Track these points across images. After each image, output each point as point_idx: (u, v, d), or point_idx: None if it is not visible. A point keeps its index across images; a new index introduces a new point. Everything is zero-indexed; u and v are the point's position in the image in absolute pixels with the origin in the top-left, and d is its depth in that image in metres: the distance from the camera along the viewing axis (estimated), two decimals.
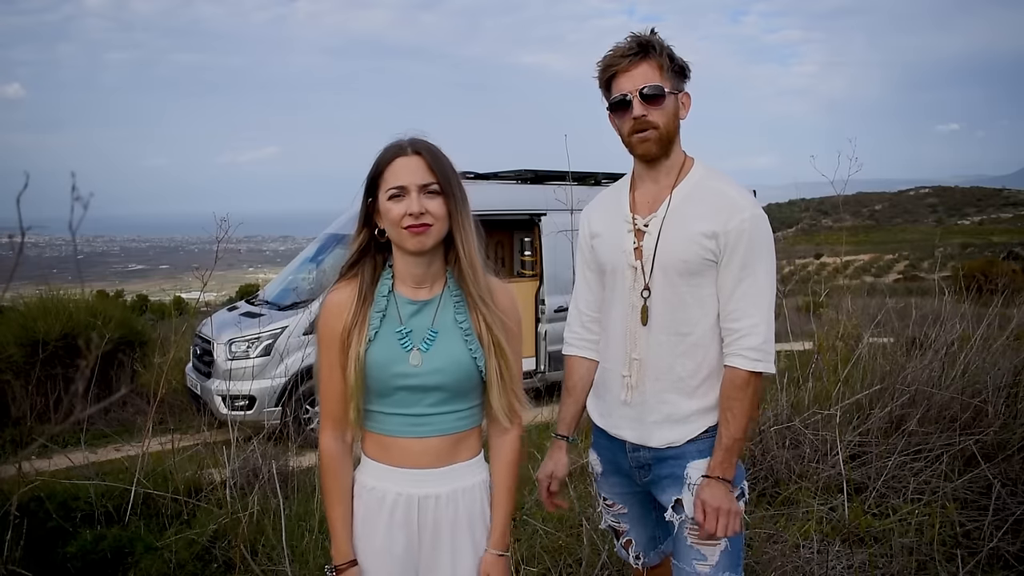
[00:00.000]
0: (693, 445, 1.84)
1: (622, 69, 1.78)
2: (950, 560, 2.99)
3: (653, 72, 1.77)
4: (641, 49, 1.77)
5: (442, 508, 1.62)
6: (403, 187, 1.53)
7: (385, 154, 1.57)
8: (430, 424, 1.60)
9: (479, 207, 1.69)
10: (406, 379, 1.56)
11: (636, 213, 1.87)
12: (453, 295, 1.63)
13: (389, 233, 1.58)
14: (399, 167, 1.55)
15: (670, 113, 1.79)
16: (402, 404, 1.59)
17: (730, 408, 1.78)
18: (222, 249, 3.71)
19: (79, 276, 10.04)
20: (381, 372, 1.55)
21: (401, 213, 1.53)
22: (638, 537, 2.06)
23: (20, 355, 6.56)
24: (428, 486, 1.61)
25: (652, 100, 1.77)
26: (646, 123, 1.78)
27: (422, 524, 1.62)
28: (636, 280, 1.85)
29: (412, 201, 1.52)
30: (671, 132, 1.81)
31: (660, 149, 1.82)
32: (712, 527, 1.74)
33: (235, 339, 6.43)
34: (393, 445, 1.61)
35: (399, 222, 1.53)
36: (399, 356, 1.57)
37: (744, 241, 1.75)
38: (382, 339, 1.57)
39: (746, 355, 1.76)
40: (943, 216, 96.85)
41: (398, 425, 1.60)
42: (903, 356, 4.53)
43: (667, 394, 1.84)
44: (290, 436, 5.34)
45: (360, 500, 1.64)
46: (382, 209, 1.56)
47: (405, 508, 1.61)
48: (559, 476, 2.00)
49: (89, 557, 3.22)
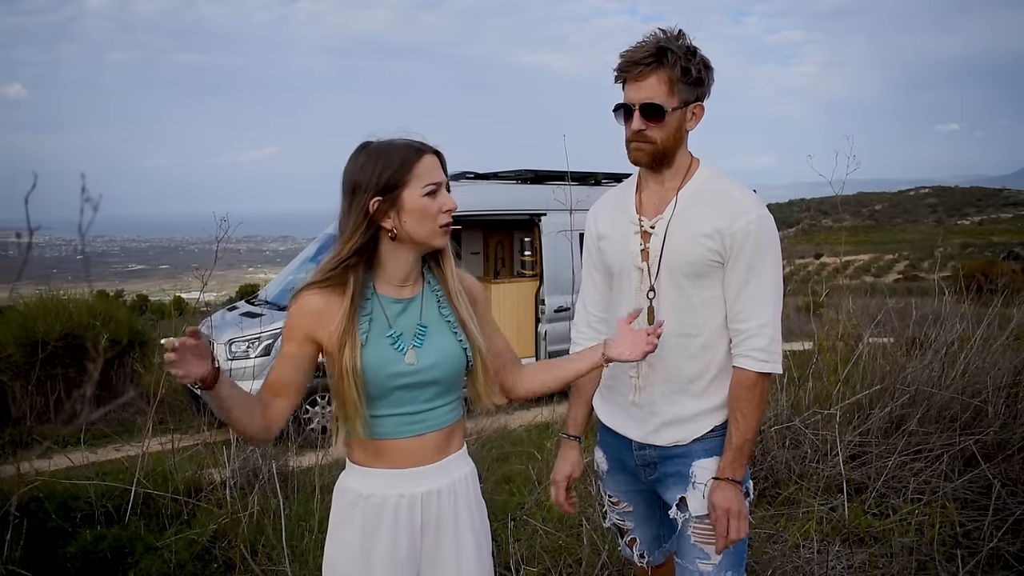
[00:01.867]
0: (699, 444, 1.85)
1: (631, 78, 1.77)
2: (950, 560, 2.99)
3: (661, 87, 1.74)
4: (655, 58, 1.74)
5: (443, 502, 1.63)
6: (439, 183, 1.57)
7: (408, 152, 1.56)
8: (425, 420, 1.60)
9: (479, 207, 1.71)
10: (403, 378, 1.56)
11: (642, 215, 1.87)
12: (434, 290, 1.65)
13: (414, 229, 1.56)
14: (431, 164, 1.57)
15: (671, 129, 1.78)
16: (398, 403, 1.58)
17: (739, 408, 1.78)
18: (222, 249, 3.71)
19: (86, 276, 10.02)
20: (377, 375, 1.54)
21: (439, 208, 1.56)
22: (643, 536, 2.07)
23: (20, 355, 6.56)
24: (428, 482, 1.61)
25: (652, 117, 1.76)
26: (643, 137, 1.78)
27: (425, 521, 1.61)
28: (642, 282, 1.85)
29: (446, 198, 1.57)
30: (668, 147, 1.80)
31: (652, 161, 1.81)
32: (723, 529, 1.74)
33: (235, 339, 6.44)
34: (390, 448, 1.59)
35: (436, 217, 1.56)
36: (394, 357, 1.56)
37: (750, 242, 1.75)
38: (373, 342, 1.56)
39: (754, 356, 1.77)
40: (943, 216, 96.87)
41: (394, 426, 1.59)
42: (903, 356, 4.53)
43: (675, 396, 1.85)
44: (290, 436, 5.34)
45: (355, 508, 1.61)
46: (414, 206, 1.54)
47: (409, 509, 1.60)
48: (576, 478, 2.02)
49: (89, 557, 3.22)
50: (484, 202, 7.19)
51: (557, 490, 2.03)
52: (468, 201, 3.79)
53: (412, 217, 1.55)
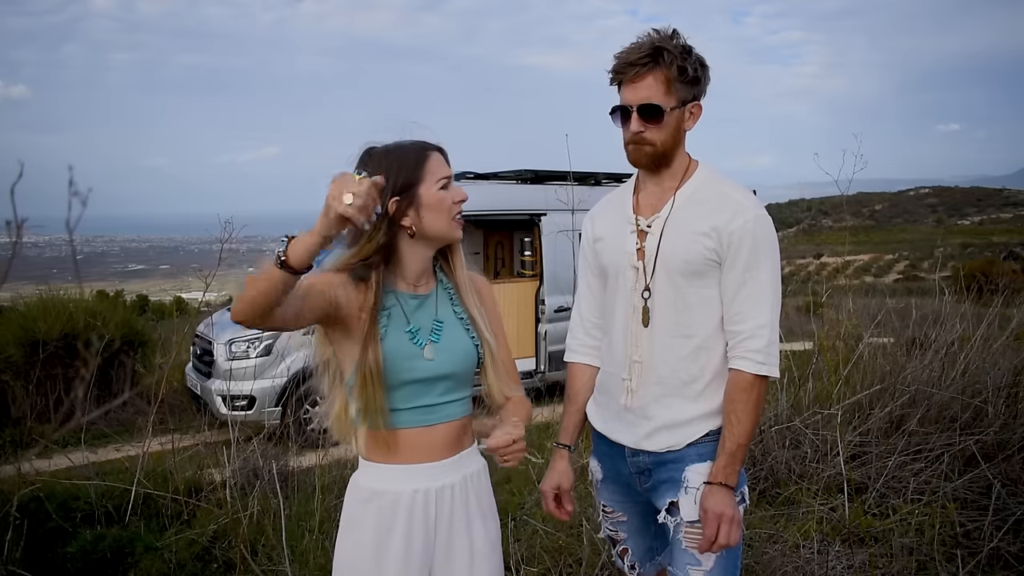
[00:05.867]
0: (693, 449, 1.81)
1: (628, 79, 1.75)
2: (950, 560, 2.99)
3: (658, 87, 1.73)
4: (651, 58, 1.72)
5: (457, 497, 1.64)
6: (450, 177, 1.62)
7: (418, 151, 1.61)
8: (438, 412, 1.62)
9: (479, 207, 1.73)
10: (420, 372, 1.59)
11: (639, 215, 1.85)
12: (446, 287, 1.69)
13: (432, 224, 1.59)
14: (440, 160, 1.62)
15: (670, 130, 1.76)
16: (413, 397, 1.60)
17: (734, 412, 1.75)
18: (223, 249, 3.71)
19: (77, 275, 10.00)
20: (396, 369, 1.57)
21: (453, 199, 1.61)
22: (635, 547, 2.02)
23: (20, 355, 6.56)
24: (443, 477, 1.63)
25: (650, 118, 1.74)
26: (642, 139, 1.76)
27: (439, 517, 1.63)
28: (638, 281, 1.82)
29: (457, 189, 1.62)
30: (667, 148, 1.78)
31: (652, 163, 1.80)
32: (712, 533, 1.70)
33: (235, 339, 6.43)
34: (402, 442, 1.60)
35: (451, 210, 1.61)
36: (413, 351, 1.59)
37: (748, 242, 1.73)
38: (392, 338, 1.58)
39: (751, 358, 1.74)
40: (943, 216, 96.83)
41: (408, 417, 1.60)
42: (903, 356, 4.53)
43: (669, 399, 1.82)
44: (290, 436, 5.35)
45: (369, 506, 1.61)
46: (431, 200, 1.59)
47: (424, 505, 1.61)
48: (565, 488, 1.97)
49: (89, 557, 3.22)
50: (484, 202, 7.18)
51: (546, 500, 1.99)
52: (468, 201, 3.77)
53: (430, 212, 1.59)
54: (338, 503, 1.68)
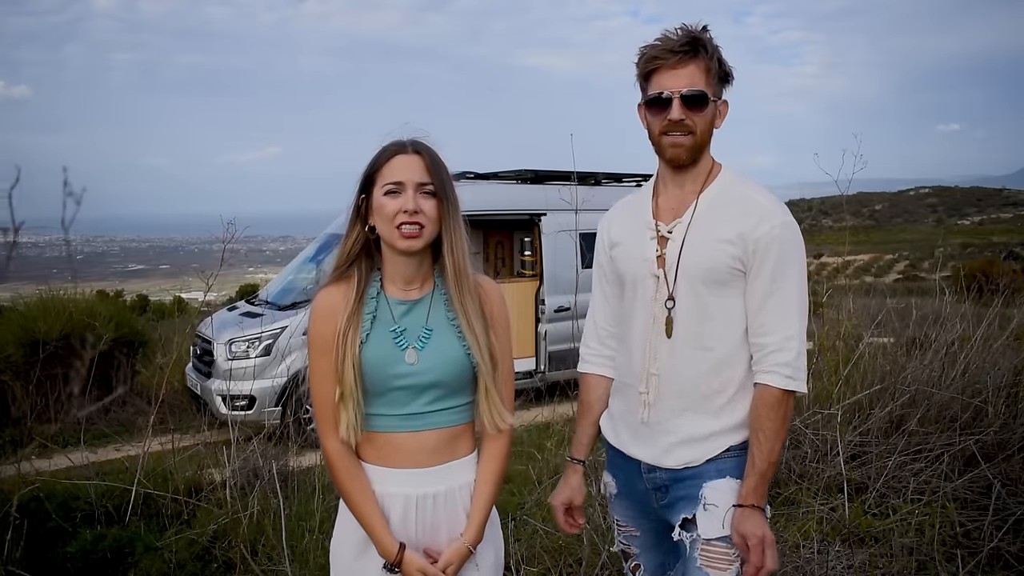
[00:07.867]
0: (712, 465, 1.72)
1: (668, 65, 1.66)
2: (950, 560, 2.99)
3: (700, 75, 1.66)
4: (691, 47, 1.66)
5: (440, 507, 1.60)
6: (400, 183, 1.53)
7: (385, 150, 1.57)
8: (424, 419, 1.58)
9: (479, 207, 1.71)
10: (402, 379, 1.55)
11: (659, 220, 1.76)
12: (442, 293, 1.62)
13: (380, 230, 1.55)
14: (399, 164, 1.54)
15: (708, 120, 1.69)
16: (397, 404, 1.57)
17: (762, 429, 1.65)
18: (224, 249, 3.71)
19: (74, 275, 9.99)
20: (377, 372, 1.54)
21: (396, 209, 1.52)
22: (647, 563, 1.95)
23: (20, 355, 6.56)
24: (425, 485, 1.59)
25: (694, 105, 1.67)
26: (683, 127, 1.67)
27: (420, 524, 1.59)
28: (659, 290, 1.73)
29: (408, 198, 1.52)
30: (705, 140, 1.72)
31: (690, 157, 1.71)
32: (759, 559, 1.61)
33: (235, 339, 6.43)
34: (386, 443, 1.58)
35: (393, 219, 1.52)
36: (395, 355, 1.55)
37: (775, 249, 1.65)
38: (375, 339, 1.55)
39: (779, 371, 1.65)
40: (943, 216, 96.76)
41: (390, 423, 1.58)
42: (903, 356, 4.54)
43: (689, 414, 1.73)
44: (290, 436, 5.34)
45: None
46: (376, 205, 1.55)
47: (403, 508, 1.58)
48: (577, 504, 1.92)
49: (89, 557, 3.22)
50: (484, 202, 7.18)
51: (556, 514, 1.95)
52: (468, 201, 3.84)
53: (377, 217, 1.55)
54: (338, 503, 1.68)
